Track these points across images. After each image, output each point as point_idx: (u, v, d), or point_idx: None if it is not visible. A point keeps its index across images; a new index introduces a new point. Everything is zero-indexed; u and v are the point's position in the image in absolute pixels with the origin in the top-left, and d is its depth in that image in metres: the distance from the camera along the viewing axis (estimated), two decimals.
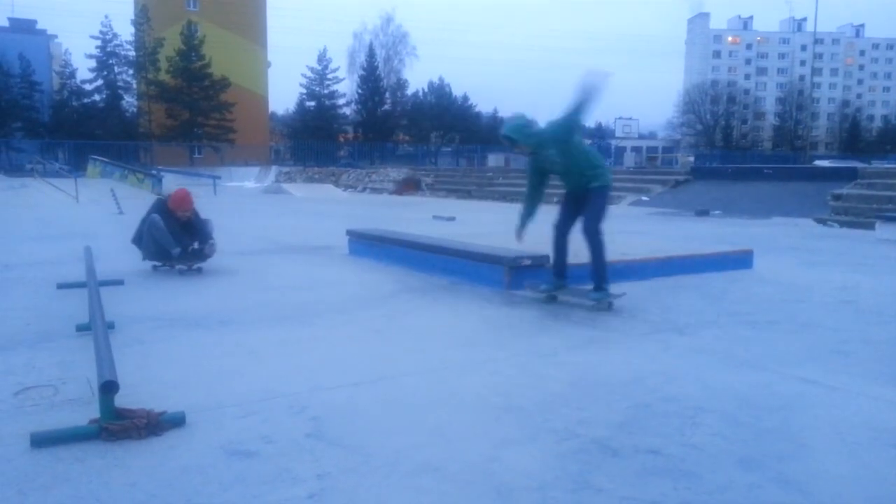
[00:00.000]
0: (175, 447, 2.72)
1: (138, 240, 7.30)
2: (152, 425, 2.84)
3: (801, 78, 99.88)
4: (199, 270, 7.28)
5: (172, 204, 7.28)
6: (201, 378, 3.63)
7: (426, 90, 77.94)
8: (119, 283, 6.43)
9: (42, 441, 2.72)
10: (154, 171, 32.76)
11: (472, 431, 2.92)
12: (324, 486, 2.40)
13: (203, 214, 7.63)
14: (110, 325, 4.41)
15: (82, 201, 22.64)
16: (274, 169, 44.94)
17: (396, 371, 3.81)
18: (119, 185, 27.05)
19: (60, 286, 6.22)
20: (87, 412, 2.98)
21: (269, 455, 2.66)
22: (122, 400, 2.91)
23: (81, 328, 4.51)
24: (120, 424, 2.80)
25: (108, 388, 2.80)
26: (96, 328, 3.69)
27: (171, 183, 31.25)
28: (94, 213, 17.86)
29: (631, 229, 13.54)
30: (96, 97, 58.61)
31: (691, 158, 58.95)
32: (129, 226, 7.83)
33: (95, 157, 34.76)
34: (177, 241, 7.08)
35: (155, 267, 7.37)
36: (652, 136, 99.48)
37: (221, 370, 3.80)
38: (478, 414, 3.14)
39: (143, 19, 56.08)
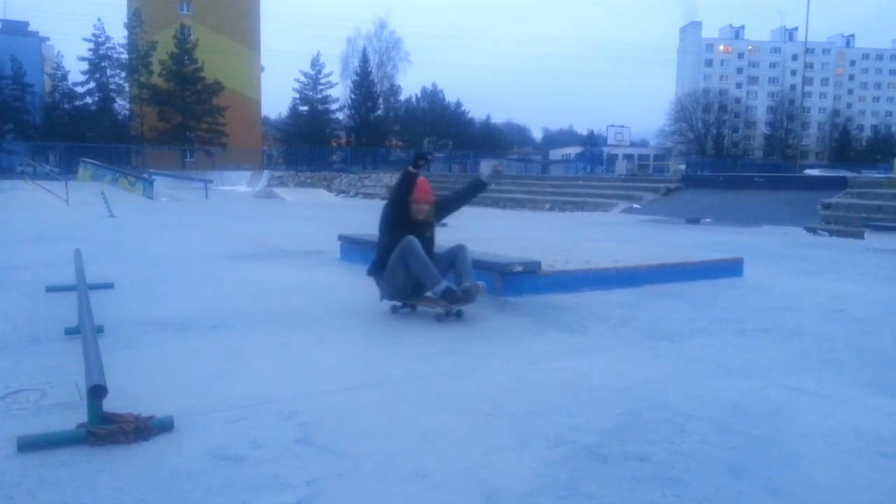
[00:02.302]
0: (163, 452, 2.71)
1: (378, 269, 5.43)
2: (140, 430, 2.83)
3: (792, 87, 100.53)
4: (460, 315, 5.32)
5: (419, 185, 5.30)
6: (190, 383, 3.62)
7: (419, 96, 78.23)
8: (109, 286, 6.39)
9: (29, 445, 2.70)
10: (145, 175, 32.64)
11: (463, 437, 2.92)
12: (313, 492, 2.39)
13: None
14: (99, 329, 4.38)
15: (73, 204, 22.52)
16: (266, 173, 44.84)
17: (387, 377, 3.81)
18: (110, 188, 26.95)
19: (49, 289, 6.18)
20: (75, 416, 2.96)
21: (257, 460, 2.65)
22: (110, 404, 2.89)
23: (70, 331, 4.48)
24: (108, 429, 2.78)
25: (97, 392, 2.78)
26: (85, 332, 3.67)
27: (162, 186, 31.23)
28: (84, 216, 17.76)
29: (622, 237, 13.58)
30: (88, 100, 58.37)
31: (682, 166, 59.21)
32: (120, 229, 7.71)
33: (86, 159, 34.59)
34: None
35: (395, 308, 5.52)
36: (643, 143, 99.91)
37: (211, 375, 3.78)
38: (468, 420, 3.13)
39: (135, 22, 55.90)
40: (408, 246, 5.11)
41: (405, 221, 5.29)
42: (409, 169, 5.21)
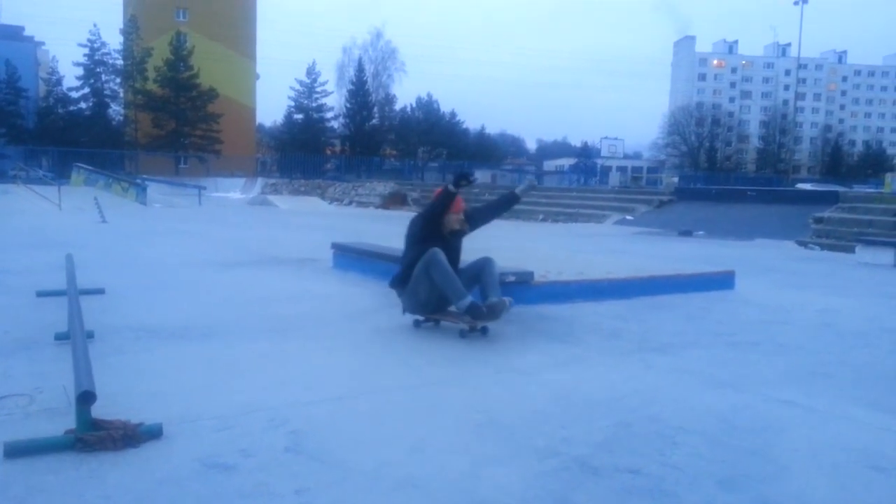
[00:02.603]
0: (152, 460, 2.69)
1: (401, 281, 5.21)
2: (129, 437, 2.81)
3: (785, 102, 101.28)
4: (485, 332, 5.10)
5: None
6: (180, 390, 3.60)
7: (414, 105, 78.12)
8: (100, 292, 6.36)
9: (16, 451, 2.67)
10: (139, 181, 32.57)
11: (454, 448, 2.91)
12: (303, 502, 2.38)
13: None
14: (89, 335, 4.36)
15: (65, 209, 22.43)
16: (260, 181, 44.82)
17: (378, 386, 3.79)
18: (103, 193, 26.86)
19: (40, 294, 6.15)
20: (64, 422, 2.93)
21: (247, 469, 2.63)
22: (99, 411, 2.87)
23: (60, 337, 4.46)
24: (96, 435, 2.76)
25: (85, 398, 2.76)
26: (75, 337, 3.65)
27: (155, 192, 31.14)
28: (76, 221, 17.69)
29: (615, 248, 13.62)
30: (82, 105, 58.32)
31: (675, 179, 59.35)
32: (113, 234, 7.66)
33: (80, 164, 34.51)
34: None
35: (417, 323, 5.33)
36: (637, 156, 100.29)
37: (201, 382, 3.76)
38: (459, 430, 3.12)
39: (131, 29, 55.94)
40: (432, 258, 4.90)
41: (436, 236, 5.13)
42: (450, 188, 5.02)
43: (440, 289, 4.93)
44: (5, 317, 5.35)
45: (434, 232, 5.13)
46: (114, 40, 57.96)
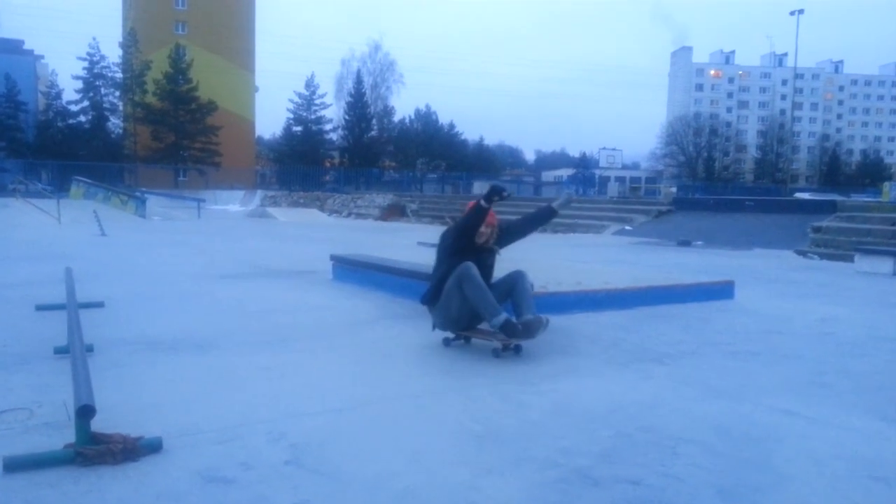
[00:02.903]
0: (151, 473, 2.69)
1: (433, 297, 5.01)
2: (128, 450, 2.81)
3: (782, 111, 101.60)
4: (518, 350, 4.89)
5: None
6: (180, 403, 3.60)
7: (413, 117, 78.46)
8: (99, 305, 6.36)
9: (16, 465, 2.67)
10: (138, 193, 32.61)
11: (452, 459, 2.91)
12: None
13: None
14: (89, 348, 4.36)
15: (65, 222, 22.44)
16: (259, 193, 44.88)
17: (377, 397, 3.79)
18: (102, 206, 26.87)
19: (39, 307, 6.15)
20: (63, 436, 2.93)
21: (247, 482, 2.63)
22: (98, 424, 2.87)
23: (59, 350, 4.46)
24: (96, 449, 2.76)
25: (85, 412, 2.76)
26: (74, 351, 3.65)
27: (155, 205, 31.16)
28: (76, 234, 17.70)
29: (614, 258, 13.63)
30: (82, 118, 58.51)
31: (674, 189, 59.32)
32: (112, 247, 7.66)
33: (79, 178, 34.56)
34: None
35: (447, 341, 5.11)
36: (635, 166, 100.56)
37: (200, 395, 3.76)
38: (458, 441, 3.12)
39: (130, 42, 56.19)
40: (465, 272, 4.69)
41: (468, 250, 4.93)
42: (482, 204, 4.77)
43: (472, 304, 4.74)
44: (5, 330, 5.35)
45: (466, 246, 4.95)
46: (113, 53, 58.30)
